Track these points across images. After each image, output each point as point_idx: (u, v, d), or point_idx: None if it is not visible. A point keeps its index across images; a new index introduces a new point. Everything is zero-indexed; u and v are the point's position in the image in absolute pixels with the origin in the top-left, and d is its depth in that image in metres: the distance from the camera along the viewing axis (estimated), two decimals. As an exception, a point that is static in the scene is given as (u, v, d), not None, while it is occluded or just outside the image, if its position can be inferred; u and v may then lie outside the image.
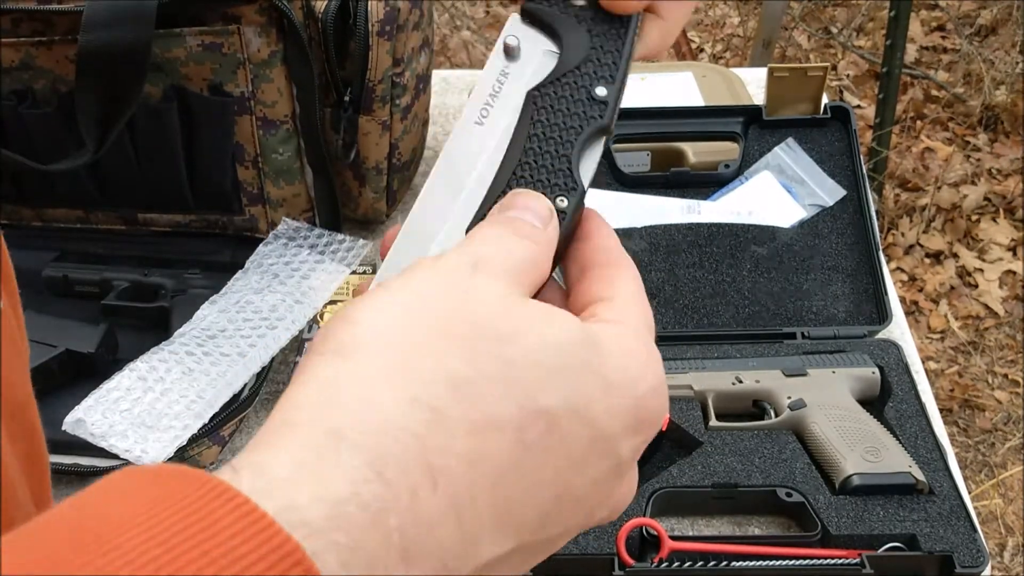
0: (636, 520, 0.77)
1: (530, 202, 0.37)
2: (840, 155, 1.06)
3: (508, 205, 0.37)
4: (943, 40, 3.14)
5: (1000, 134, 2.78)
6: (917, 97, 2.90)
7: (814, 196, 1.04)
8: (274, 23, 0.93)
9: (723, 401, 0.88)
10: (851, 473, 0.80)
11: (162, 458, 0.82)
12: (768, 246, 1.01)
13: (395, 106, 1.02)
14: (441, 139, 1.30)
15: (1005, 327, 2.31)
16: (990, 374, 2.22)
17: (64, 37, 0.93)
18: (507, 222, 0.36)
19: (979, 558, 0.75)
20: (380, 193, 1.09)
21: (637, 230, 1.02)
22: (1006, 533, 1.92)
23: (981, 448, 2.09)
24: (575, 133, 0.39)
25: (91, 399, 0.84)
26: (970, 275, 2.42)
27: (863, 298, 0.98)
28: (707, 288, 0.99)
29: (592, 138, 0.39)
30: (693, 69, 1.25)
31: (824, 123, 1.07)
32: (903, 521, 0.78)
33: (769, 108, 1.07)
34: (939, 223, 2.54)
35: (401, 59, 1.00)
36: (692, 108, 1.11)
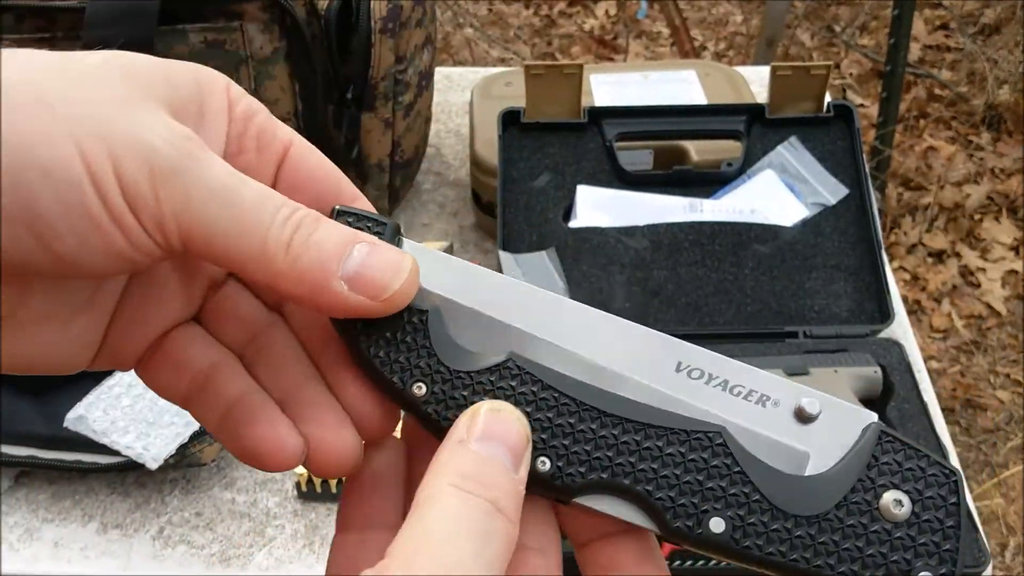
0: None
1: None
2: (843, 154, 1.06)
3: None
4: (946, 39, 3.14)
5: (1003, 133, 2.78)
6: (920, 96, 2.89)
7: (817, 195, 1.04)
8: (277, 20, 0.93)
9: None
10: (853, 472, 0.80)
11: (163, 455, 0.83)
12: (770, 245, 1.01)
13: (398, 103, 1.02)
14: (443, 136, 1.30)
15: (1007, 327, 2.31)
16: (992, 374, 2.22)
17: (67, 34, 0.93)
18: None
19: (980, 558, 0.75)
20: (382, 191, 1.09)
21: (639, 228, 1.02)
22: (1007, 533, 1.92)
23: (983, 448, 2.08)
24: None
25: (93, 396, 0.84)
26: (972, 274, 2.42)
27: (865, 297, 0.98)
28: (709, 287, 0.99)
29: None
30: (696, 67, 1.25)
31: (827, 122, 1.07)
32: (904, 521, 0.78)
33: (772, 106, 1.07)
34: (942, 222, 2.53)
35: (404, 56, 1.00)
36: (695, 106, 1.11)
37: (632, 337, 0.35)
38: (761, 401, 0.34)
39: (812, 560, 0.32)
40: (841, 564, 0.32)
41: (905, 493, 0.33)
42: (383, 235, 0.34)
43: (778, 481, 0.33)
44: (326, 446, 0.34)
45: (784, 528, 0.32)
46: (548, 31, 3.31)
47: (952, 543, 0.32)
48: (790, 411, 0.34)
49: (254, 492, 0.88)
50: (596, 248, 1.01)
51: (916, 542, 0.32)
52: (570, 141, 1.07)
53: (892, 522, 0.32)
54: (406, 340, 0.34)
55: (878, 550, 0.32)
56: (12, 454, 0.86)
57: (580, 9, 3.41)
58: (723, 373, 0.34)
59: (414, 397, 0.34)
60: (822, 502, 0.33)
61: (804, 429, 0.34)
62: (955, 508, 0.33)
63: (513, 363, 0.34)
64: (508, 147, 1.06)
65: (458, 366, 0.34)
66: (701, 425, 0.33)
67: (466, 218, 1.18)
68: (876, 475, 0.33)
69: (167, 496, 0.88)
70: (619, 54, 3.18)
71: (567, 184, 1.05)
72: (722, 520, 0.32)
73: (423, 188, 1.22)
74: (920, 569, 0.32)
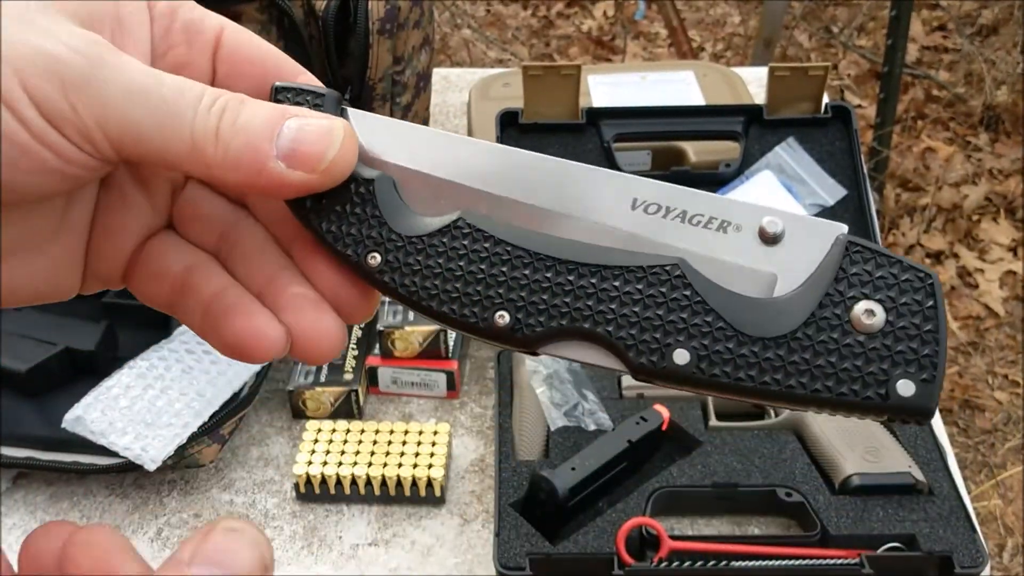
0: (636, 519, 0.77)
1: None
2: (841, 155, 1.06)
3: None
4: (944, 40, 3.14)
5: (1001, 134, 2.78)
6: (918, 97, 2.89)
7: (815, 196, 1.04)
8: (274, 21, 0.93)
9: (723, 401, 0.88)
10: (851, 473, 0.80)
11: (162, 456, 0.82)
12: (768, 246, 1.01)
13: (396, 104, 1.02)
14: (442, 138, 1.30)
15: (1005, 327, 2.31)
16: (990, 374, 2.22)
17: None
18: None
19: (978, 558, 0.75)
20: (380, 191, 1.09)
21: (637, 229, 1.02)
22: (1005, 533, 1.92)
23: (981, 448, 2.08)
24: None
25: (91, 397, 0.84)
26: (971, 275, 2.42)
27: (863, 298, 0.98)
28: (707, 287, 0.99)
29: None
30: (694, 68, 1.25)
31: (825, 123, 1.07)
32: (903, 521, 0.78)
33: (770, 107, 1.07)
34: (940, 223, 2.54)
35: (401, 57, 1.00)
36: (693, 107, 1.11)
37: (586, 179, 0.34)
38: (722, 227, 0.33)
39: (784, 381, 0.31)
40: (814, 382, 0.31)
41: (877, 302, 0.31)
42: (322, 107, 0.33)
43: (742, 306, 0.32)
44: (307, 332, 0.34)
45: (751, 352, 0.31)
46: (546, 32, 3.31)
47: (931, 347, 0.31)
48: (753, 233, 0.33)
49: (252, 493, 0.88)
50: (594, 249, 1.01)
51: (893, 351, 0.31)
52: (568, 142, 1.07)
53: (865, 333, 0.31)
54: (355, 211, 0.34)
55: (852, 363, 0.31)
56: (10, 455, 0.86)
57: (578, 10, 3.41)
58: (680, 204, 0.33)
59: (369, 268, 0.34)
60: (790, 321, 0.31)
61: (770, 250, 0.33)
62: (932, 311, 0.31)
63: (464, 221, 0.33)
64: (506, 148, 1.06)
65: (410, 231, 0.33)
66: (658, 259, 0.32)
67: (464, 219, 1.17)
68: (845, 287, 0.32)
69: (165, 497, 0.88)
70: (617, 55, 3.18)
71: (565, 185, 1.05)
72: (686, 351, 0.32)
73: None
74: (899, 377, 0.31)
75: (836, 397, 0.31)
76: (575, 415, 0.86)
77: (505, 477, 0.82)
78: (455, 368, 0.94)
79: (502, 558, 0.75)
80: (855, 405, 0.31)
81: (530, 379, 0.88)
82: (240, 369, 0.88)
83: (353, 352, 0.94)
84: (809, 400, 0.31)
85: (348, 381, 0.92)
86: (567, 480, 0.78)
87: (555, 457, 0.83)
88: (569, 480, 0.78)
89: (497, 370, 0.93)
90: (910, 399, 0.31)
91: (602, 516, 0.79)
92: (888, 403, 0.31)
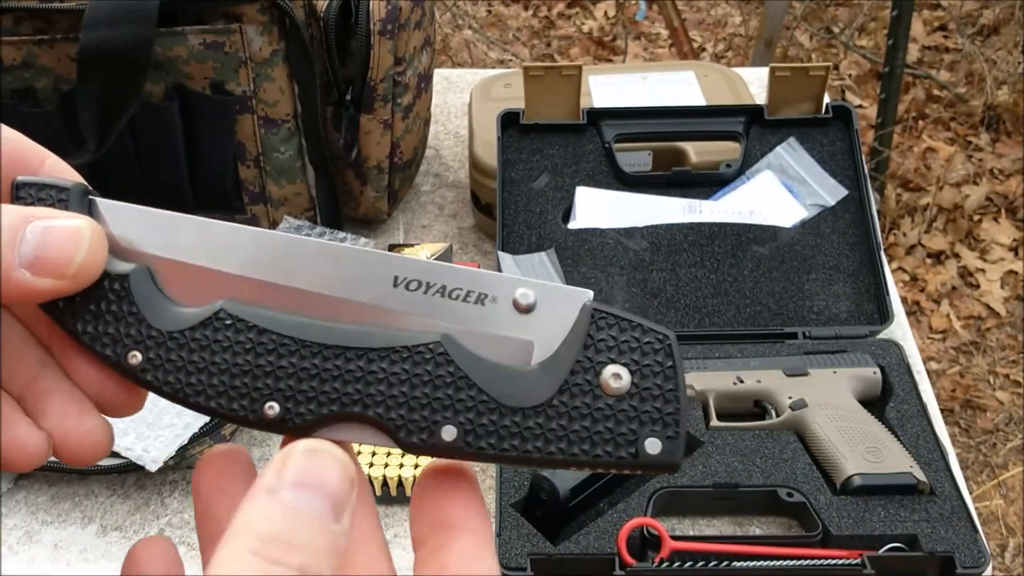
0: (637, 520, 0.77)
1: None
2: (842, 155, 1.06)
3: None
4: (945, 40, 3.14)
5: (1002, 134, 2.78)
6: (919, 97, 2.89)
7: (815, 196, 1.04)
8: (276, 22, 0.93)
9: (724, 401, 0.88)
10: (852, 473, 0.80)
11: (163, 457, 0.82)
12: (769, 246, 1.01)
13: (397, 105, 1.02)
14: (442, 138, 1.30)
15: (1007, 327, 2.31)
16: (991, 374, 2.22)
17: (66, 36, 0.93)
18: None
19: (980, 559, 0.75)
20: (381, 192, 1.09)
21: (638, 229, 1.02)
22: (1007, 534, 1.92)
23: (982, 448, 2.08)
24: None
25: (92, 398, 0.84)
26: (972, 275, 2.42)
27: (864, 298, 0.98)
28: (708, 288, 0.99)
29: None
30: (695, 68, 1.25)
31: (826, 123, 1.07)
32: (904, 521, 0.78)
33: (771, 108, 1.07)
34: (941, 223, 2.53)
35: (403, 58, 1.00)
36: (694, 107, 1.11)
37: (346, 260, 0.34)
38: (480, 300, 0.34)
39: (544, 448, 0.32)
40: (571, 446, 0.32)
41: (623, 365, 0.33)
42: (68, 202, 0.33)
43: (502, 378, 0.33)
44: (69, 437, 0.33)
45: (513, 423, 0.32)
46: (547, 32, 3.31)
47: (673, 405, 0.33)
48: (509, 304, 0.34)
49: (253, 494, 0.88)
50: (595, 249, 1.01)
51: (639, 411, 0.32)
52: (569, 142, 1.07)
53: (614, 396, 0.33)
54: (111, 309, 0.33)
55: (604, 426, 0.32)
56: (11, 456, 0.86)
57: (579, 10, 3.41)
58: (440, 279, 0.34)
59: (131, 367, 0.33)
60: (546, 390, 0.33)
61: (525, 319, 0.34)
62: (672, 371, 0.33)
63: (225, 312, 0.33)
64: (507, 148, 1.06)
65: (171, 326, 0.33)
66: (421, 338, 0.33)
67: (465, 219, 1.18)
68: (593, 353, 0.33)
69: (167, 498, 0.88)
70: (618, 55, 3.18)
71: (566, 185, 1.05)
72: (453, 427, 0.32)
73: (422, 190, 1.22)
74: (646, 436, 0.32)
75: (592, 459, 0.33)
76: (576, 415, 0.86)
77: (506, 477, 0.82)
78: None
79: (503, 558, 0.76)
80: (609, 464, 0.33)
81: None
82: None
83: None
84: (568, 463, 0.33)
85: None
86: (568, 480, 0.78)
87: (556, 457, 0.83)
88: (570, 480, 0.78)
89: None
90: (657, 456, 0.32)
91: (603, 516, 0.79)
92: (638, 461, 0.32)
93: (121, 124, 0.93)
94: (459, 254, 1.13)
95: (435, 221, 1.18)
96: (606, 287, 0.99)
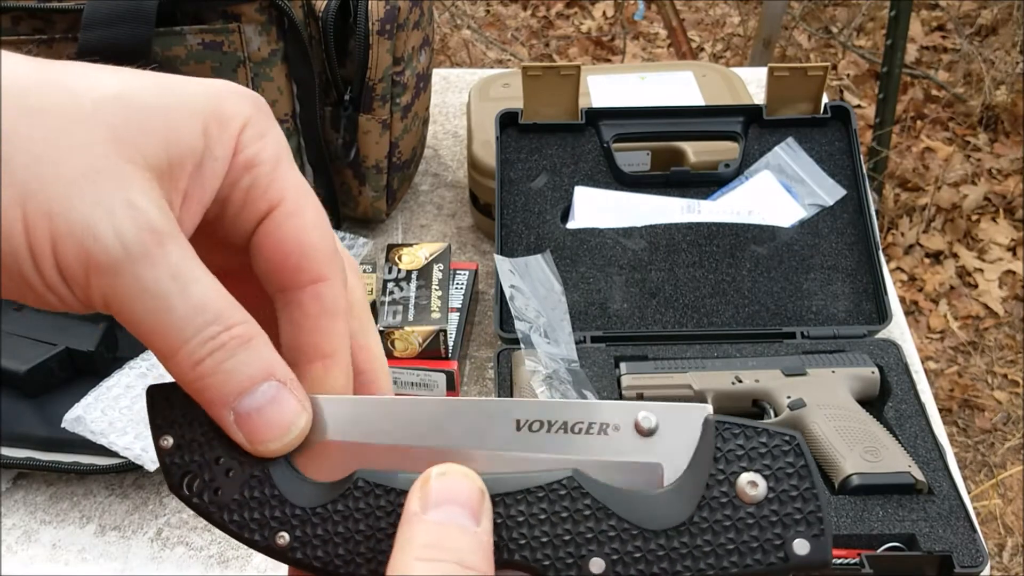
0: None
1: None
2: (840, 155, 1.06)
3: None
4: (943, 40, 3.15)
5: (1000, 134, 2.78)
6: (917, 97, 2.90)
7: (814, 196, 1.04)
8: (274, 22, 0.93)
9: (723, 401, 0.89)
10: (850, 473, 0.80)
11: (162, 456, 0.82)
12: (768, 246, 1.01)
13: (395, 105, 1.02)
14: (441, 138, 1.30)
15: (1005, 327, 2.31)
16: (989, 374, 2.22)
17: (64, 36, 0.93)
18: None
19: (978, 558, 0.75)
20: (380, 192, 1.09)
21: (637, 229, 1.02)
22: (1005, 533, 1.92)
23: (980, 448, 2.09)
24: None
25: (91, 396, 0.84)
26: (970, 275, 2.42)
27: (863, 298, 0.98)
28: (707, 287, 0.99)
29: None
30: (693, 68, 1.25)
31: (824, 123, 1.07)
32: (902, 521, 0.78)
33: (769, 108, 1.07)
34: (939, 223, 2.54)
35: (401, 58, 1.00)
36: (692, 107, 1.11)
37: (469, 412, 0.35)
38: (602, 430, 0.35)
39: (695, 566, 0.33)
40: (721, 560, 0.33)
41: (756, 472, 0.33)
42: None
43: (639, 503, 0.33)
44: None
45: (659, 546, 0.33)
46: (545, 32, 3.32)
47: (813, 503, 0.33)
48: (631, 430, 0.35)
49: (252, 493, 0.88)
50: (594, 249, 1.01)
51: (781, 515, 0.33)
52: (567, 142, 1.07)
53: (753, 504, 0.33)
54: (254, 496, 0.34)
55: (749, 535, 0.33)
56: (10, 456, 0.86)
57: (577, 10, 3.41)
58: (560, 416, 0.35)
59: (280, 548, 0.34)
60: (685, 508, 0.33)
61: (650, 442, 0.34)
62: (805, 470, 0.33)
63: (362, 480, 0.33)
64: (506, 148, 1.06)
65: (312, 502, 0.34)
66: (553, 475, 0.33)
67: (464, 219, 1.18)
68: (724, 465, 0.33)
69: (165, 498, 0.88)
70: (616, 55, 3.18)
71: (565, 185, 1.06)
72: (600, 559, 0.33)
73: (421, 189, 1.22)
74: (793, 538, 0.33)
75: (743, 570, 0.33)
76: (575, 415, 0.86)
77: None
78: (455, 368, 0.94)
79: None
80: (761, 572, 0.33)
81: (530, 379, 0.88)
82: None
83: (437, 293, 0.94)
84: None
85: (436, 320, 0.91)
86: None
87: (555, 457, 0.83)
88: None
89: (496, 370, 0.93)
90: (807, 556, 0.33)
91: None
92: (789, 564, 0.33)
93: (120, 124, 0.93)
94: (457, 254, 1.13)
95: (434, 221, 1.18)
96: (604, 287, 0.99)
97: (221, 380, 0.32)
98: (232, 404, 0.32)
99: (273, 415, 0.33)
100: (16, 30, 0.93)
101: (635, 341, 0.95)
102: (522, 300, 0.94)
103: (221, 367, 0.32)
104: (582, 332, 0.96)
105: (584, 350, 0.94)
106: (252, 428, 0.33)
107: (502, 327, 0.96)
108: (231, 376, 0.32)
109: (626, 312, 0.98)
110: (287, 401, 0.33)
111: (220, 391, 0.32)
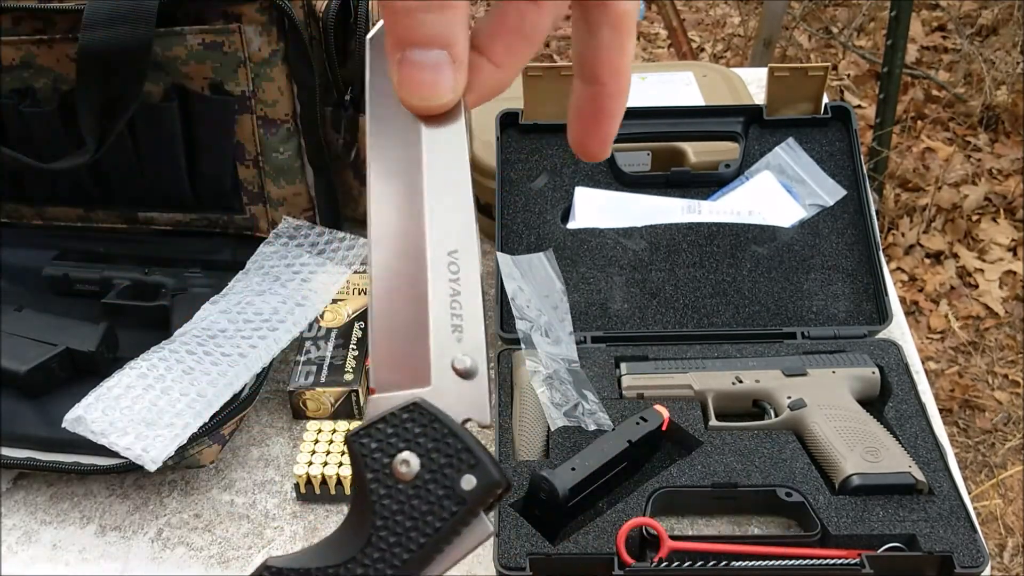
0: (636, 520, 0.77)
1: None
2: (840, 155, 1.06)
3: None
4: (944, 40, 3.15)
5: (1001, 134, 2.78)
6: (918, 97, 2.90)
7: (814, 196, 1.04)
8: (275, 22, 0.93)
9: (723, 401, 0.89)
10: (851, 473, 0.80)
11: (163, 456, 0.82)
12: (768, 246, 1.01)
13: (396, 105, 1.02)
14: (441, 138, 1.30)
15: (1005, 327, 2.31)
16: (990, 374, 2.22)
17: (65, 36, 0.93)
18: None
19: (979, 558, 0.75)
20: (380, 192, 1.09)
21: (637, 229, 1.02)
22: (1006, 533, 1.92)
23: (981, 448, 2.09)
24: None
25: (91, 397, 0.84)
26: (970, 275, 2.42)
27: (863, 298, 0.98)
28: (707, 288, 0.99)
29: None
30: (693, 69, 1.25)
31: (825, 123, 1.07)
32: (903, 521, 0.78)
33: (770, 108, 1.07)
34: (939, 223, 2.54)
35: (402, 58, 1.00)
36: (693, 108, 1.11)
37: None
38: None
39: (398, 568, 0.35)
40: (410, 544, 0.35)
41: (401, 452, 0.36)
42: None
43: (319, 553, 0.36)
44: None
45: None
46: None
47: (456, 443, 0.35)
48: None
49: (253, 494, 0.88)
50: (594, 249, 1.01)
51: (439, 468, 0.35)
52: (567, 143, 1.07)
53: (413, 476, 0.35)
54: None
55: (423, 506, 0.35)
56: (10, 456, 0.86)
57: (578, 11, 3.41)
58: None
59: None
60: (360, 534, 0.36)
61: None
62: (436, 422, 0.35)
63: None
64: (506, 149, 1.06)
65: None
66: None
67: (464, 220, 1.17)
68: (380, 455, 0.36)
69: (166, 498, 0.88)
70: (617, 56, 3.17)
71: (565, 185, 1.06)
72: None
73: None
74: (458, 479, 0.35)
75: (436, 535, 0.35)
76: (575, 415, 0.86)
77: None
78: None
79: (502, 558, 0.76)
80: (454, 526, 0.35)
81: (530, 379, 0.88)
82: (240, 370, 0.88)
83: (353, 353, 0.94)
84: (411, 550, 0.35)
85: (348, 382, 0.92)
86: (567, 480, 0.78)
87: (555, 457, 0.83)
88: (569, 480, 0.78)
89: (497, 370, 0.93)
90: (479, 486, 0.35)
91: (602, 516, 0.79)
92: (467, 504, 0.35)
93: (120, 124, 0.93)
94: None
95: (434, 221, 1.18)
96: (605, 287, 0.99)
97: (408, 25, 0.35)
98: (405, 49, 0.36)
99: (427, 76, 0.36)
100: (16, 30, 0.93)
101: (635, 341, 0.95)
102: (523, 298, 0.94)
103: (415, 14, 0.35)
104: (583, 332, 0.96)
105: (584, 350, 0.94)
106: (405, 75, 0.36)
107: (503, 327, 0.96)
108: (418, 26, 0.35)
109: (626, 312, 0.98)
110: (445, 73, 0.36)
111: (404, 33, 0.35)
